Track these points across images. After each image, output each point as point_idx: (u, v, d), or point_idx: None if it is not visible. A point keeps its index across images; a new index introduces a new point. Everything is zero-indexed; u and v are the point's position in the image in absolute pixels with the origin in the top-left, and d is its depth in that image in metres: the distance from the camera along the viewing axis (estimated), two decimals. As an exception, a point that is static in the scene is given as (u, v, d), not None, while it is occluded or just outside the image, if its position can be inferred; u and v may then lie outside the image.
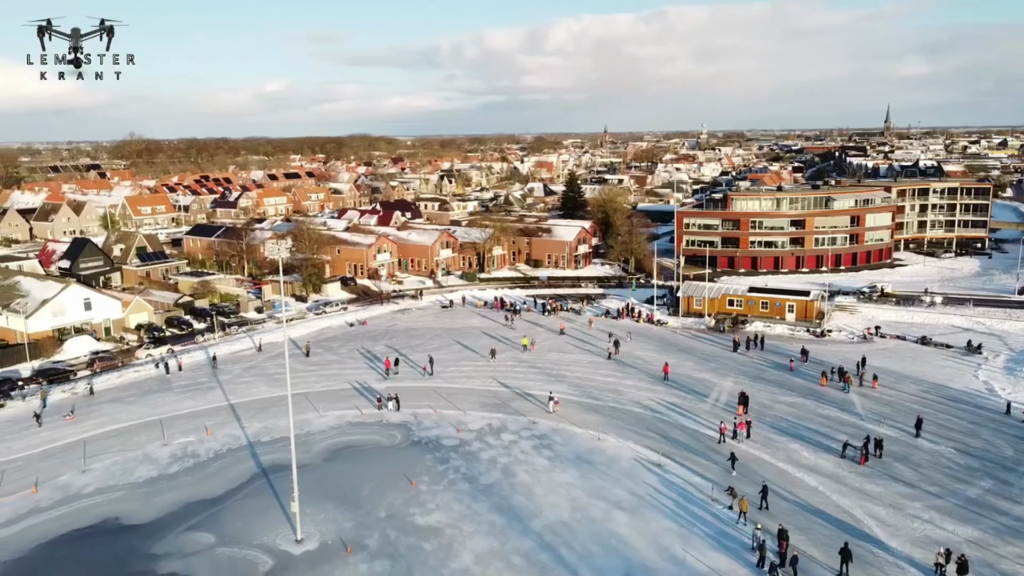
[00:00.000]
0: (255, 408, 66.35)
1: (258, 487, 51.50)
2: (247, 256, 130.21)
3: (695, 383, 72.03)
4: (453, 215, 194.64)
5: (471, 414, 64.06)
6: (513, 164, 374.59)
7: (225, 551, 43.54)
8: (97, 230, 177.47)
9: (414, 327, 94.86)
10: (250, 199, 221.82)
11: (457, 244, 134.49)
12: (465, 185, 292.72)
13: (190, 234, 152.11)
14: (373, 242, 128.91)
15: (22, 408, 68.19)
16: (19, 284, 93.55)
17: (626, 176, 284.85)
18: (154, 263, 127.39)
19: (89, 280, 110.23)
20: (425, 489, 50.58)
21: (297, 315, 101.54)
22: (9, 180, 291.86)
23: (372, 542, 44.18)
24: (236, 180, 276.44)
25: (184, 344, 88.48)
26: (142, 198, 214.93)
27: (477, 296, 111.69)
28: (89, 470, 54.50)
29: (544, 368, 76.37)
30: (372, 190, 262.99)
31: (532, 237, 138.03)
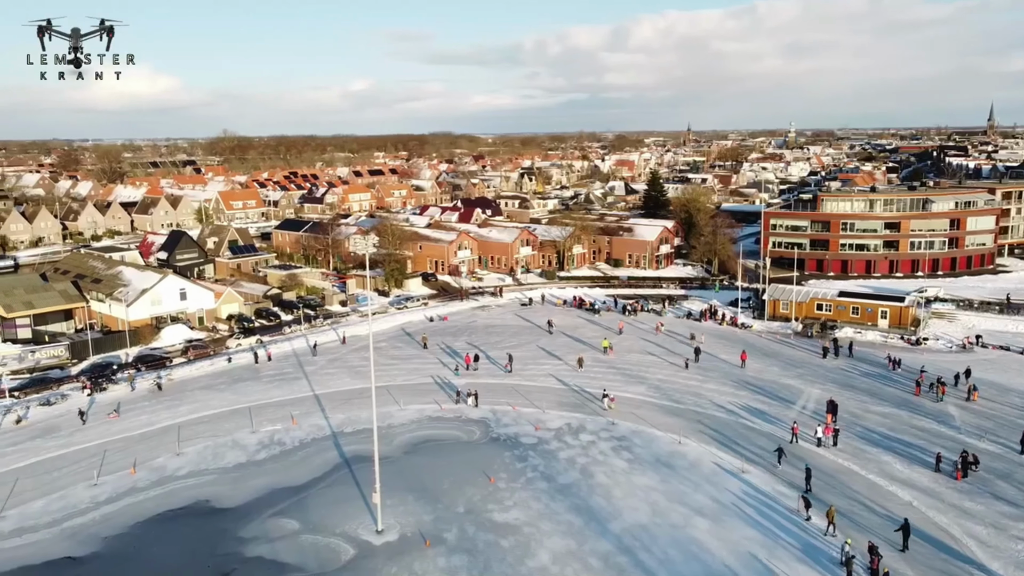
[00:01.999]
0: (339, 399, 67.85)
1: (341, 477, 52.62)
2: (332, 250, 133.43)
3: (781, 389, 69.92)
4: (533, 213, 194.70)
5: (550, 413, 63.88)
6: (594, 162, 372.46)
7: (309, 538, 44.65)
8: (192, 223, 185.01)
9: (493, 324, 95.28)
10: (336, 195, 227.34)
11: (537, 242, 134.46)
12: (545, 183, 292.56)
13: (279, 228, 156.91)
14: (454, 239, 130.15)
15: (123, 392, 71.67)
16: (121, 274, 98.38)
17: (710, 175, 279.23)
18: (245, 256, 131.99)
19: (184, 271, 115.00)
20: (503, 486, 50.68)
21: (379, 309, 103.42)
22: (113, 175, 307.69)
23: (450, 536, 44.53)
24: (323, 176, 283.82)
25: (272, 335, 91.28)
26: (234, 193, 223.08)
27: (556, 294, 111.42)
28: (183, 453, 56.80)
29: (624, 369, 75.49)
30: (453, 187, 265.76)
31: (613, 236, 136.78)
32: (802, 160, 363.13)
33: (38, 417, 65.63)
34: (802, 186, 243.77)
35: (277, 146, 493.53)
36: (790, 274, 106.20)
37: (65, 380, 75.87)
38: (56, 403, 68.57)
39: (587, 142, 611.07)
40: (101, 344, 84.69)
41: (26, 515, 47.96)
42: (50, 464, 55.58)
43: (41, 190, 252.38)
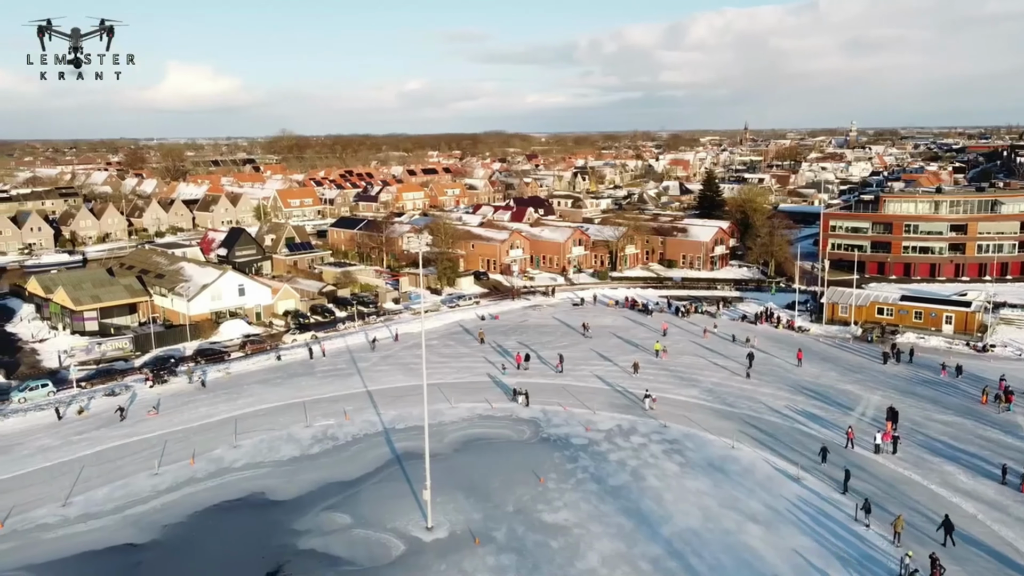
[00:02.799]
0: (391, 396, 68.56)
1: (392, 473, 53.15)
2: (386, 248, 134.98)
3: (838, 394, 68.21)
4: (586, 213, 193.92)
5: (600, 414, 63.49)
6: (648, 162, 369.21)
7: (360, 532, 45.20)
8: (251, 220, 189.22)
9: (545, 324, 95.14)
10: (390, 193, 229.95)
11: (589, 242, 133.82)
12: (598, 182, 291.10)
13: (334, 226, 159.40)
14: (506, 238, 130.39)
15: (183, 384, 73.66)
16: (183, 270, 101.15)
17: (767, 175, 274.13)
18: (301, 253, 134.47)
19: (243, 267, 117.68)
20: (553, 487, 50.54)
21: (431, 307, 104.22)
22: (176, 173, 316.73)
23: (500, 535, 44.58)
24: (377, 175, 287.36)
25: (326, 331, 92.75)
26: (291, 191, 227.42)
27: (608, 295, 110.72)
28: (239, 446, 58.09)
29: (676, 372, 74.58)
30: (506, 186, 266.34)
31: (666, 236, 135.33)
32: (864, 160, 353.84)
33: (103, 407, 67.88)
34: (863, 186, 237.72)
35: (333, 145, 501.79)
36: (850, 277, 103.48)
37: (129, 372, 78.34)
38: (120, 394, 70.82)
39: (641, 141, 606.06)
40: (163, 337, 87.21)
41: (91, 501, 49.65)
42: (114, 453, 57.43)
43: (109, 188, 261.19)
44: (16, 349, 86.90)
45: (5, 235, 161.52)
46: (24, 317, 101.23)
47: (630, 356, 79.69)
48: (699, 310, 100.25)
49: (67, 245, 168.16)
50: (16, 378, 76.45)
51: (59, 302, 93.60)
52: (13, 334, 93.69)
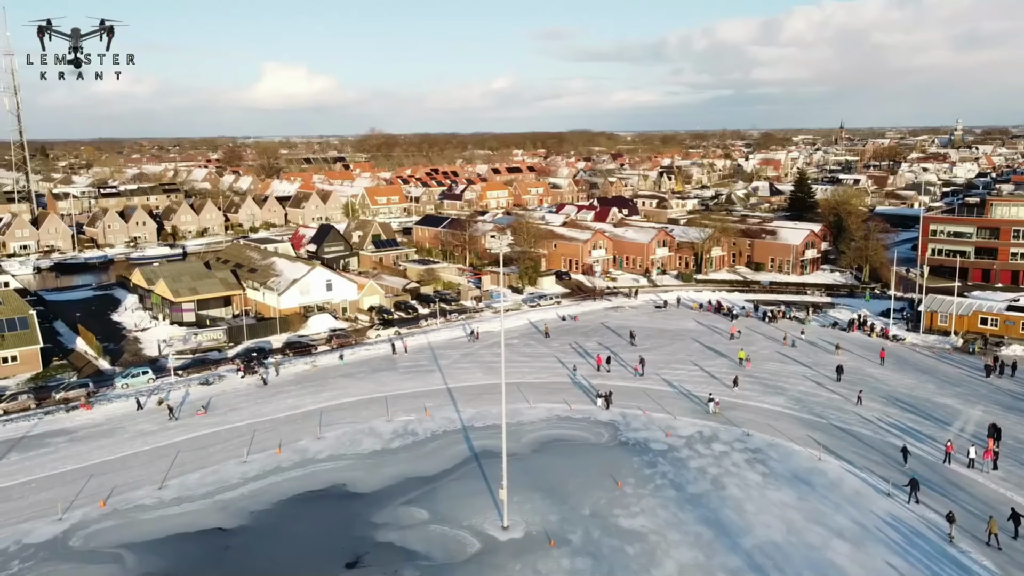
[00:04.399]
0: (470, 394, 69.15)
1: (469, 470, 53.59)
2: (469, 247, 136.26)
3: (935, 408, 64.92)
4: (671, 213, 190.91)
5: (681, 419, 62.35)
6: (737, 161, 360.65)
7: (437, 528, 45.75)
8: (340, 217, 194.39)
9: (626, 326, 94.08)
10: (474, 192, 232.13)
11: (674, 243, 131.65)
12: (685, 182, 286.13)
13: (419, 224, 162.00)
14: (589, 238, 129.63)
15: (270, 376, 76.19)
16: (275, 264, 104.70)
17: (863, 176, 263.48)
18: (387, 250, 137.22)
19: (331, 263, 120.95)
20: (630, 491, 49.94)
21: (512, 306, 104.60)
22: (271, 171, 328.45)
23: (575, 538, 44.33)
24: (462, 173, 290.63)
25: (409, 327, 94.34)
26: (379, 189, 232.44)
27: (693, 298, 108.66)
28: (323, 438, 59.70)
29: (762, 378, 72.50)
30: (590, 185, 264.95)
31: (755, 239, 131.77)
32: (969, 160, 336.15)
33: (197, 395, 70.92)
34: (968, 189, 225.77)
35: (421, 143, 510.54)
36: (951, 284, 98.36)
37: (222, 362, 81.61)
38: (213, 383, 73.80)
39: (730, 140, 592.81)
40: (255, 330, 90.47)
41: (184, 486, 51.95)
42: (206, 440, 59.94)
43: (208, 184, 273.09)
44: (120, 337, 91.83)
45: (113, 229, 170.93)
46: (128, 307, 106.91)
47: (712, 361, 78.07)
48: (787, 316, 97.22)
49: (168, 239, 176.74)
50: (120, 365, 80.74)
51: (160, 293, 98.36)
52: (118, 323, 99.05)
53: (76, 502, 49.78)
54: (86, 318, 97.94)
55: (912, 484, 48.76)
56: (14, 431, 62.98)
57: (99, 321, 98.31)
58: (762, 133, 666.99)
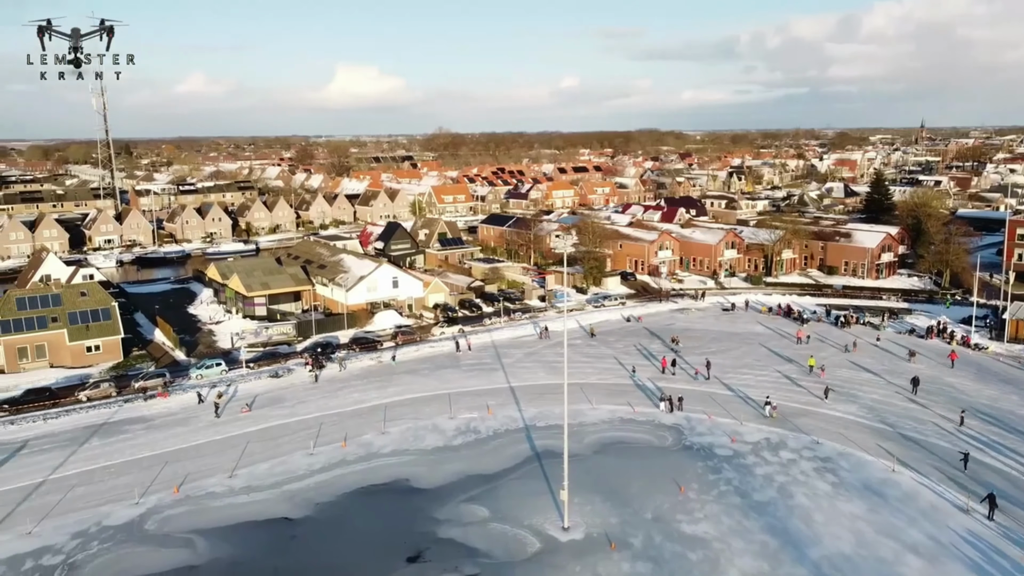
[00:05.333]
0: (533, 393, 69.13)
1: (530, 470, 53.55)
2: (534, 246, 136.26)
3: (1020, 421, 61.87)
4: (740, 214, 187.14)
5: (747, 425, 61.02)
6: (810, 161, 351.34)
7: (497, 526, 45.86)
8: (407, 215, 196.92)
9: (692, 328, 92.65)
10: (540, 191, 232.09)
11: (743, 245, 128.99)
12: (755, 183, 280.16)
13: (485, 223, 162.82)
14: (655, 238, 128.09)
15: (334, 371, 77.66)
16: (343, 261, 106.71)
17: (944, 177, 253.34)
18: (452, 248, 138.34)
19: (398, 261, 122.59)
20: (694, 497, 49.12)
21: (576, 306, 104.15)
22: (341, 169, 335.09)
23: (636, 542, 43.84)
24: (528, 173, 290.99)
25: (473, 326, 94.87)
26: (446, 188, 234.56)
27: (762, 301, 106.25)
28: (387, 432, 60.53)
29: (833, 385, 70.26)
30: (657, 185, 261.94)
31: (827, 241, 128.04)
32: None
33: (269, 387, 72.81)
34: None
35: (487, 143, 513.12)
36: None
37: (291, 356, 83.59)
38: (283, 376, 75.63)
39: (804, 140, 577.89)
40: (323, 325, 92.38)
41: (253, 475, 53.37)
42: (275, 431, 61.46)
43: (281, 182, 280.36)
44: (196, 329, 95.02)
45: (191, 224, 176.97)
46: (204, 300, 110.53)
47: (781, 367, 76.22)
48: (861, 321, 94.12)
49: (242, 235, 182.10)
50: (195, 356, 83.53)
51: (233, 288, 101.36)
52: (194, 315, 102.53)
53: (152, 487, 51.69)
54: (164, 310, 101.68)
55: (990, 499, 46.66)
56: (96, 417, 65.80)
57: (176, 313, 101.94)
58: (837, 132, 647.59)
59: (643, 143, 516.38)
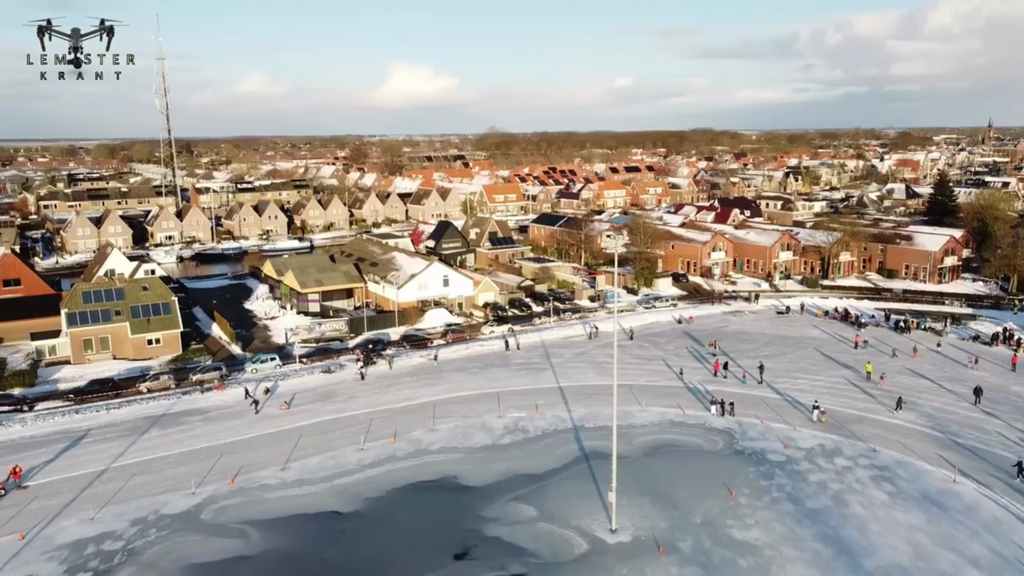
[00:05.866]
0: (582, 394, 68.83)
1: (578, 471, 53.32)
2: (584, 246, 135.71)
3: (1091, 433, 59.30)
4: (796, 215, 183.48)
5: (801, 431, 59.75)
6: (870, 162, 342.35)
7: (544, 526, 45.78)
8: (458, 214, 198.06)
9: (745, 331, 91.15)
10: (591, 191, 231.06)
11: (799, 247, 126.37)
12: (812, 184, 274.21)
13: (535, 222, 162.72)
14: (708, 239, 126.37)
15: (384, 368, 78.48)
16: (395, 259, 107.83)
17: (1013, 179, 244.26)
18: (503, 247, 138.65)
19: (449, 259, 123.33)
20: (745, 502, 48.30)
21: (627, 307, 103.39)
22: (394, 168, 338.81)
23: (685, 546, 43.30)
24: (580, 172, 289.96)
25: (523, 325, 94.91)
26: (497, 187, 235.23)
27: (817, 304, 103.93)
28: (436, 430, 60.94)
29: (892, 392, 68.32)
30: (711, 186, 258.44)
31: (887, 244, 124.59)
32: None
33: (321, 382, 74.01)
34: None
35: (539, 142, 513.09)
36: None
37: (343, 352, 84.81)
38: (335, 372, 76.76)
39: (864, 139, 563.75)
40: (374, 322, 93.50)
41: (305, 469, 54.29)
42: (326, 426, 62.43)
43: (335, 180, 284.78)
44: (251, 324, 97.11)
45: (248, 222, 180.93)
46: (259, 296, 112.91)
47: (836, 372, 74.47)
48: (922, 326, 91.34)
49: (297, 232, 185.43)
50: (250, 351, 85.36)
51: (288, 284, 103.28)
52: (250, 311, 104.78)
53: (207, 478, 52.97)
54: (222, 306, 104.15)
55: None
56: (155, 408, 67.75)
57: (233, 308, 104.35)
58: (899, 132, 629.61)
59: (697, 143, 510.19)
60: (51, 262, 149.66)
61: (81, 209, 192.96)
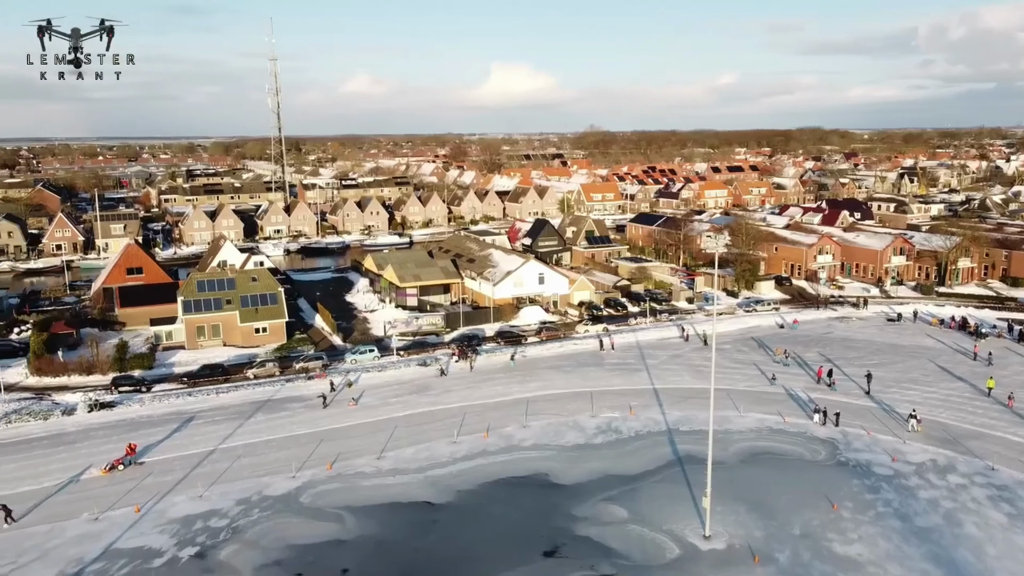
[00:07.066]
0: (677, 396, 67.49)
1: (672, 474, 52.29)
2: (683, 246, 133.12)
3: None
4: (911, 218, 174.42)
5: (912, 444, 56.65)
6: (995, 163, 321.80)
7: (636, 529, 45.10)
8: (555, 212, 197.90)
9: (852, 338, 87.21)
10: (692, 191, 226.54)
11: (913, 251, 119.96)
12: (930, 185, 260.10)
13: (633, 221, 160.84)
14: (815, 242, 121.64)
15: (483, 362, 79.17)
16: (491, 256, 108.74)
17: None
18: (599, 246, 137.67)
19: (544, 257, 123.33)
20: (847, 516, 46.18)
21: (726, 310, 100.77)
22: (492, 166, 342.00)
23: (783, 558, 41.77)
24: (680, 172, 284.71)
25: (618, 325, 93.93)
26: (595, 185, 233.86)
27: (932, 312, 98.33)
28: (528, 426, 61.04)
29: (1015, 408, 63.88)
30: (819, 187, 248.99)
31: (1013, 250, 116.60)
32: None
33: (415, 375, 75.43)
34: None
35: (638, 141, 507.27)
36: None
37: (439, 346, 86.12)
38: (430, 365, 78.04)
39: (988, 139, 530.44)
40: (470, 317, 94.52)
41: (400, 459, 55.41)
42: (420, 418, 63.53)
43: (435, 178, 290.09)
44: (352, 317, 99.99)
45: (351, 217, 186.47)
46: (360, 289, 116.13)
47: (951, 384, 70.26)
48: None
49: (397, 228, 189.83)
50: (350, 342, 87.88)
51: (388, 278, 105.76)
52: (351, 303, 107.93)
53: (307, 463, 54.81)
54: (324, 297, 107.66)
55: None
56: (261, 394, 70.65)
57: (335, 301, 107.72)
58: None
59: (804, 142, 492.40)
60: (170, 252, 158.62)
61: (198, 203, 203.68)
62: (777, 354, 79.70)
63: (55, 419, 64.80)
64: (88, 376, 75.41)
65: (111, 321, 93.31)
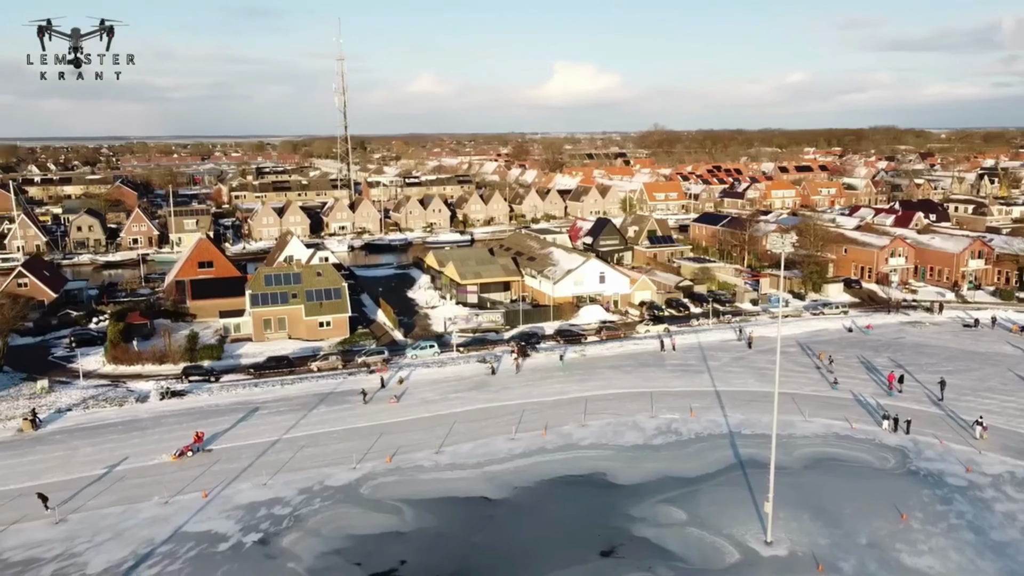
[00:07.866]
0: (740, 399, 66.22)
1: (732, 478, 51.33)
2: (748, 247, 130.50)
3: None
4: (991, 221, 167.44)
5: (988, 455, 54.33)
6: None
7: (694, 532, 44.41)
8: (616, 212, 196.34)
9: (925, 343, 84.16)
10: (758, 191, 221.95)
11: (993, 255, 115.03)
12: (1011, 187, 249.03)
13: (697, 221, 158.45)
14: (886, 244, 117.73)
15: (543, 360, 79.08)
16: (552, 254, 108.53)
17: None
18: (661, 246, 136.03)
19: (606, 256, 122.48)
20: (917, 526, 44.57)
21: (792, 312, 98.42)
22: (554, 165, 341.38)
23: (847, 567, 40.57)
24: (746, 171, 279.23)
25: (680, 325, 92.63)
26: (658, 185, 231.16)
27: (1012, 319, 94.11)
28: (587, 425, 60.71)
29: (1099, 419, 60.79)
30: (892, 187, 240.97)
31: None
32: None
33: (474, 371, 75.83)
34: None
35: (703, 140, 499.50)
36: None
37: (498, 343, 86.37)
38: (489, 363, 78.31)
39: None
40: (529, 315, 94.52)
41: (458, 454, 55.77)
42: (479, 414, 63.82)
43: (496, 176, 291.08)
44: (413, 312, 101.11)
45: (414, 215, 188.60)
46: (422, 286, 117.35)
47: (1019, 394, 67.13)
48: None
49: (459, 226, 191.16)
50: (411, 337, 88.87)
51: (449, 275, 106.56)
52: (412, 299, 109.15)
53: (368, 455, 55.64)
54: (387, 293, 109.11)
55: None
56: (324, 387, 72.05)
57: (397, 296, 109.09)
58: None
59: (877, 141, 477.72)
60: (239, 247, 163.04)
61: (266, 200, 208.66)
62: (820, 359, 77.42)
63: (129, 406, 67.38)
64: (160, 365, 78.19)
65: (183, 313, 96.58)
